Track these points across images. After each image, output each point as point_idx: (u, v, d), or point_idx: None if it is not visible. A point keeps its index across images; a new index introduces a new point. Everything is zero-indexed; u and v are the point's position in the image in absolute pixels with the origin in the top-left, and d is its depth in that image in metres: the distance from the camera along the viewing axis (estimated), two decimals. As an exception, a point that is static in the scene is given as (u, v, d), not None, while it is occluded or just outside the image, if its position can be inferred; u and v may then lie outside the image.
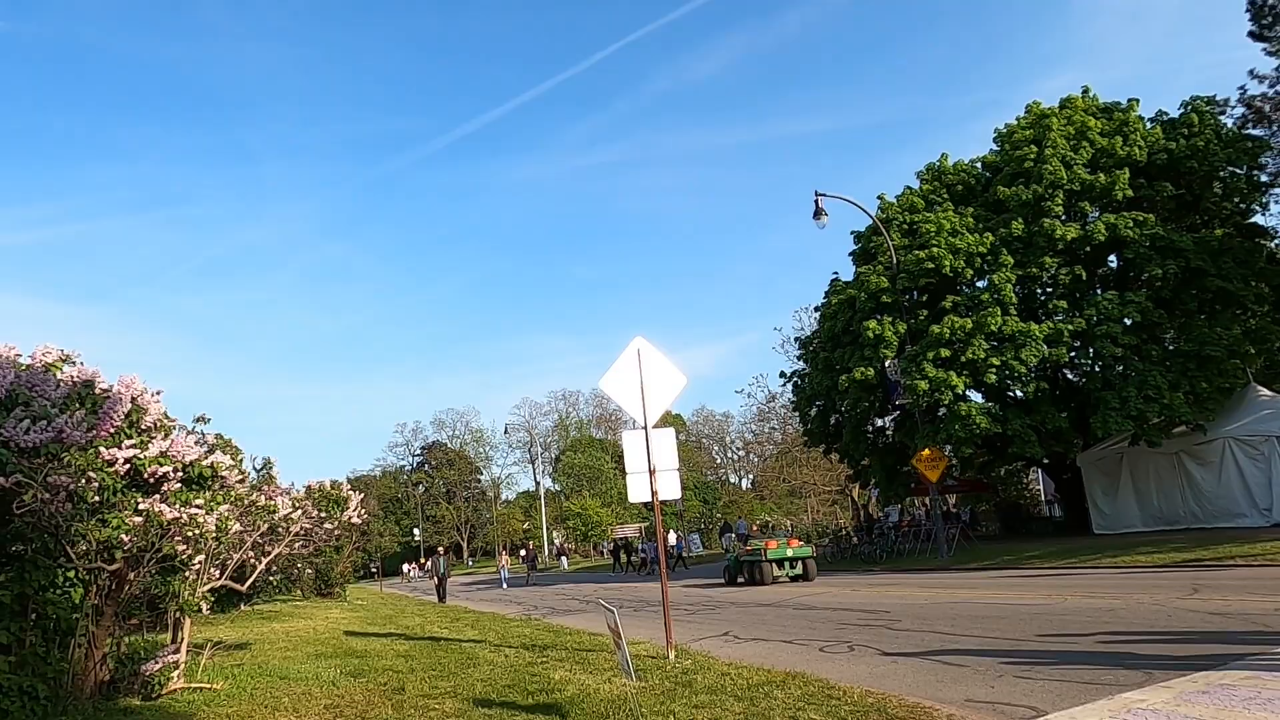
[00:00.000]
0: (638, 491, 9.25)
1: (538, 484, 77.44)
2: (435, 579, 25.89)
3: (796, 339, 37.05)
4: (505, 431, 77.33)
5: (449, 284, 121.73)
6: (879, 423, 29.39)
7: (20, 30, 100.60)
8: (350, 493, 11.09)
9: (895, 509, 35.44)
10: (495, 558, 74.93)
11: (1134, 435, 21.34)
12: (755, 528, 28.31)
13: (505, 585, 32.47)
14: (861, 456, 29.43)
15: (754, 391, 58.86)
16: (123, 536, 6.63)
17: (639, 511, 68.01)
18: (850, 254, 29.66)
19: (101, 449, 6.50)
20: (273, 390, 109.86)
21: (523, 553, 42.07)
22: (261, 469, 11.15)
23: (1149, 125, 24.68)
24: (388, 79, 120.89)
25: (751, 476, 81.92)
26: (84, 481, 6.31)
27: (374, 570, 51.38)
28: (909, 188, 28.28)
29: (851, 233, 29.88)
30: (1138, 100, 25.12)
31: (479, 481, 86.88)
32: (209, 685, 7.90)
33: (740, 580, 21.65)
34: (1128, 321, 22.28)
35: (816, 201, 23.96)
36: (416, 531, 72.39)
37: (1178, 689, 5.44)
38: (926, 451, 22.90)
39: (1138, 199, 23.45)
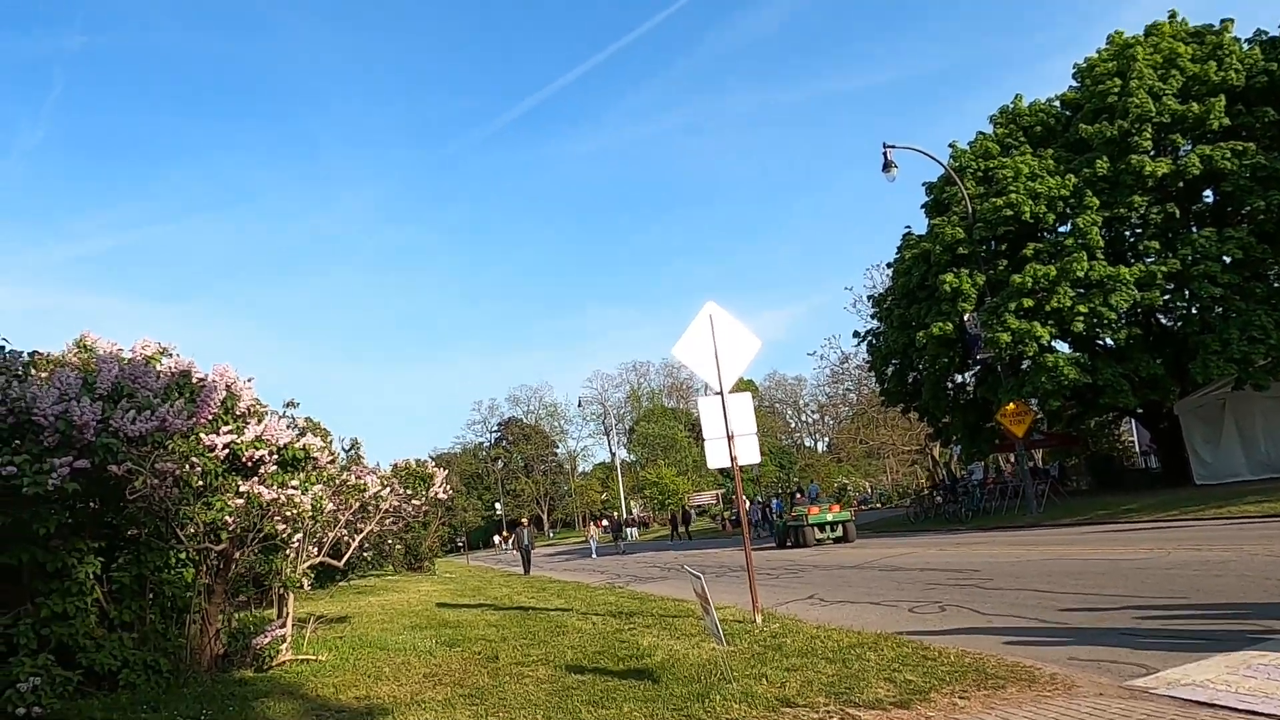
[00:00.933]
0: (716, 457, 9.21)
1: (613, 455, 78.40)
2: (520, 550, 26.50)
3: (869, 297, 36.19)
4: (579, 405, 78.31)
5: (516, 261, 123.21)
6: (959, 379, 28.58)
7: (96, 42, 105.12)
8: (435, 469, 11.39)
9: (979, 466, 34.54)
10: (578, 528, 76.47)
11: (1238, 379, 20.17)
12: (799, 495, 28.35)
13: (595, 555, 33.00)
14: (942, 414, 28.70)
15: (827, 353, 57.92)
16: (226, 518, 6.96)
17: (715, 478, 68.23)
18: (923, 206, 28.69)
19: (202, 435, 6.81)
20: (351, 374, 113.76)
21: (605, 523, 42.62)
22: (349, 450, 11.56)
23: (1246, 47, 22.94)
24: (445, 60, 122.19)
25: (827, 439, 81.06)
26: (188, 467, 6.62)
27: (460, 544, 53.00)
28: (982, 133, 27.11)
29: (923, 184, 28.88)
30: (1232, 21, 23.36)
31: (555, 455, 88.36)
32: (314, 657, 8.27)
33: (789, 544, 23.04)
34: (1227, 260, 20.97)
35: (885, 154, 23.21)
36: (498, 505, 74.20)
37: (1303, 643, 5.14)
38: (1011, 406, 22.17)
39: (1235, 128, 21.90)
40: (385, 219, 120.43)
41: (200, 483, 6.84)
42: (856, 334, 32.33)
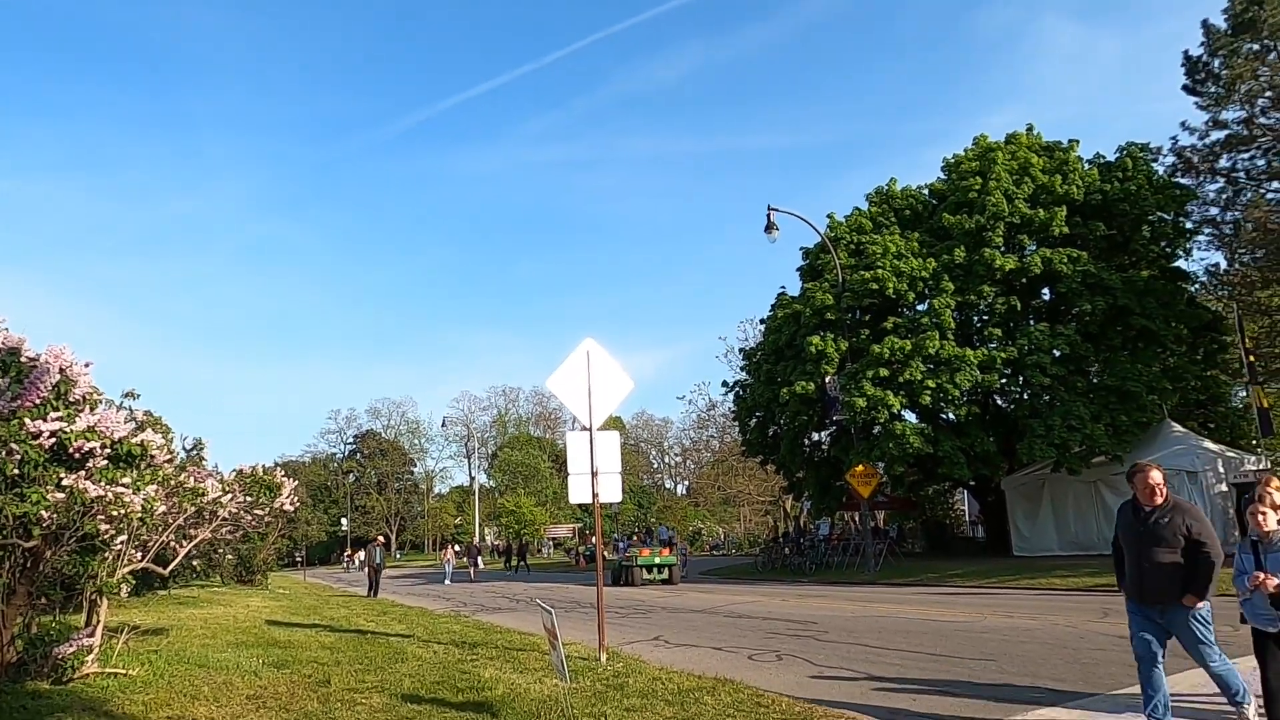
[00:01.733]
0: (579, 493, 9.27)
1: (472, 479, 76.73)
2: (370, 569, 25.38)
3: (741, 349, 37.57)
4: (443, 424, 76.37)
5: (392, 272, 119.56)
6: (816, 437, 29.93)
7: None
8: (284, 479, 10.82)
9: (826, 522, 36.14)
10: (427, 551, 73.81)
11: (1056, 462, 22.20)
12: (648, 535, 29.16)
13: (449, 581, 31.93)
14: (797, 469, 29.92)
15: (695, 398, 59.40)
16: (42, 513, 6.38)
17: (572, 512, 67.90)
18: (798, 269, 30.21)
19: (26, 420, 6.23)
20: (201, 368, 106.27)
21: (456, 548, 41.36)
22: (191, 450, 10.83)
23: (1087, 166, 25.77)
24: (343, 59, 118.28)
25: (688, 483, 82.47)
26: (4, 454, 6.04)
27: (299, 559, 50.05)
28: (858, 209, 28.98)
29: (800, 249, 30.50)
30: (1078, 141, 26.26)
31: (412, 474, 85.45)
32: (124, 671, 7.62)
33: (622, 581, 24.68)
34: (1056, 353, 23.21)
35: (769, 215, 24.33)
36: (344, 521, 70.80)
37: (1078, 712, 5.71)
38: (860, 467, 23.43)
39: (1073, 235, 24.46)
40: (258, 211, 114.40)
41: (16, 471, 6.24)
42: (726, 384, 33.41)
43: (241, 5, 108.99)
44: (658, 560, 25.03)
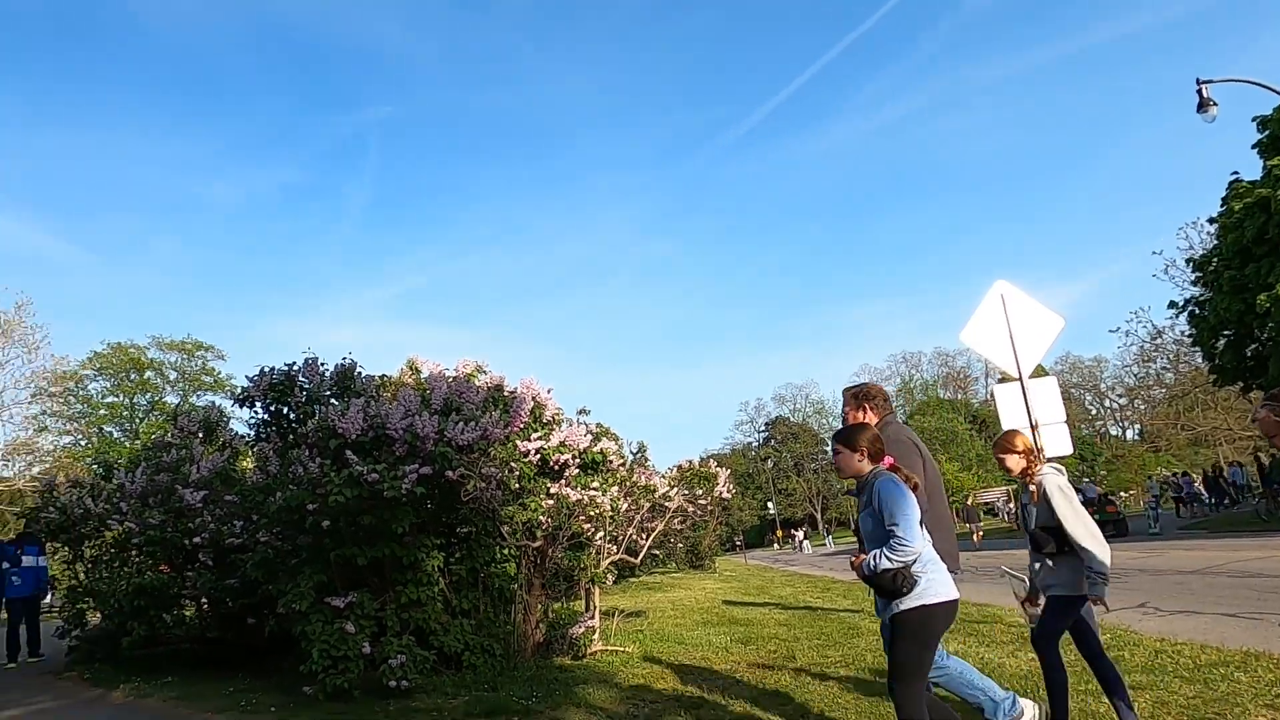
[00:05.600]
0: (1019, 450, 8.43)
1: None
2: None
3: (1187, 260, 31.17)
4: (846, 400, 76.00)
5: (770, 261, 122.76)
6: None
7: (397, 111, 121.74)
8: (717, 469, 11.65)
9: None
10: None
11: None
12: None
13: None
14: (1297, 391, 23.92)
15: (1133, 329, 50.52)
16: (540, 517, 7.63)
17: (1003, 473, 62.76)
18: (1254, 145, 24.17)
19: (517, 442, 7.53)
20: (621, 382, 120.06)
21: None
22: (636, 453, 12.17)
23: None
24: (677, 79, 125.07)
25: (1139, 427, 71.19)
26: (507, 471, 7.36)
27: (737, 543, 53.80)
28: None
29: (1254, 119, 24.32)
30: None
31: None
32: (621, 648, 8.79)
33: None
34: None
35: (1200, 91, 19.84)
36: (770, 505, 74.31)
37: None
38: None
39: None
40: (640, 236, 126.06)
41: (517, 485, 7.58)
42: (1173, 304, 28.01)
43: (584, 62, 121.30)
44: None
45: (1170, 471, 52.08)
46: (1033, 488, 4.68)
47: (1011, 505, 52.71)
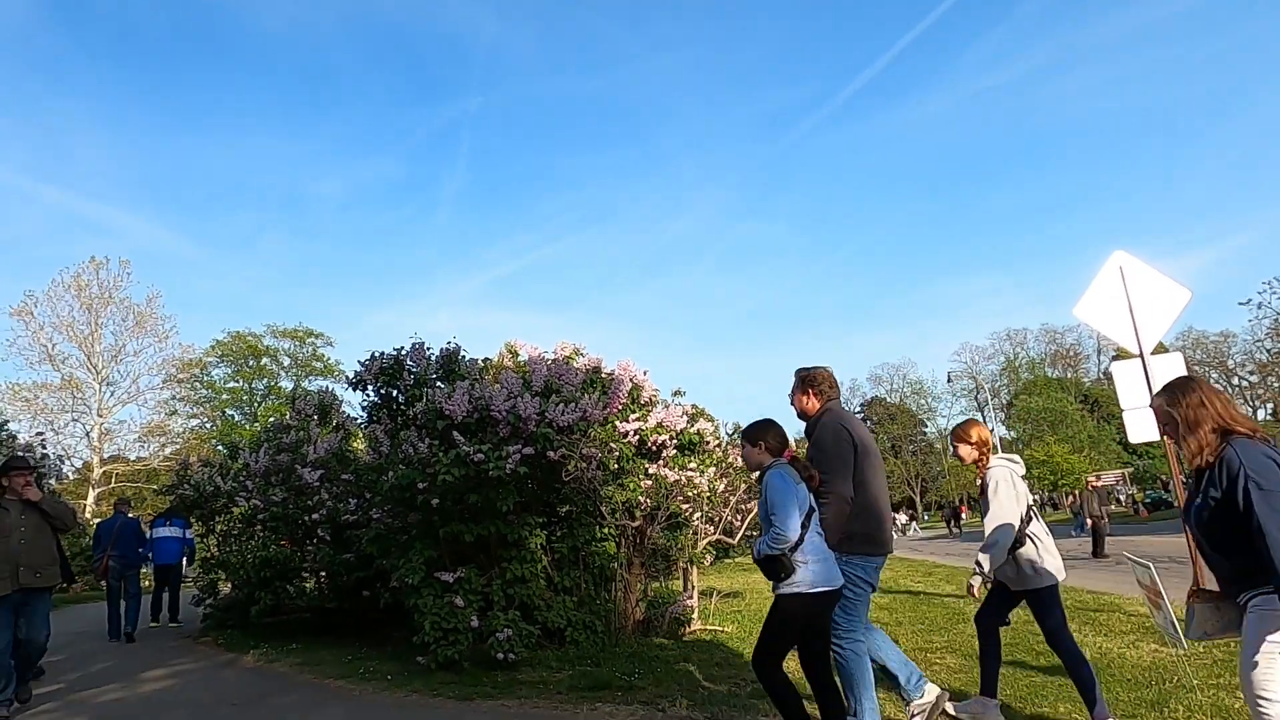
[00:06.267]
0: (1140, 430, 7.99)
1: (991, 432, 72.35)
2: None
3: (1329, 226, 28.61)
4: (948, 379, 73.55)
5: (864, 239, 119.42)
6: None
7: (490, 99, 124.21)
8: (814, 451, 11.49)
9: None
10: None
11: None
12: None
13: None
14: None
15: (1266, 300, 46.81)
16: (639, 497, 7.72)
17: (1117, 455, 59.64)
18: None
19: (615, 423, 7.63)
20: (712, 365, 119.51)
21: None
22: (731, 434, 12.11)
23: None
24: (769, 54, 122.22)
25: (1271, 405, 66.11)
26: (606, 452, 7.47)
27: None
28: None
29: None
30: None
31: (924, 434, 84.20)
32: (720, 629, 8.83)
33: None
34: None
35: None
36: (868, 487, 72.80)
37: None
38: None
39: None
40: (732, 216, 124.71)
41: (616, 466, 7.69)
42: (1313, 273, 25.81)
43: (676, 43, 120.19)
44: None
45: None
46: (979, 481, 4.83)
47: (1128, 490, 50.09)
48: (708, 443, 9.10)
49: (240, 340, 49.76)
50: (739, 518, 12.14)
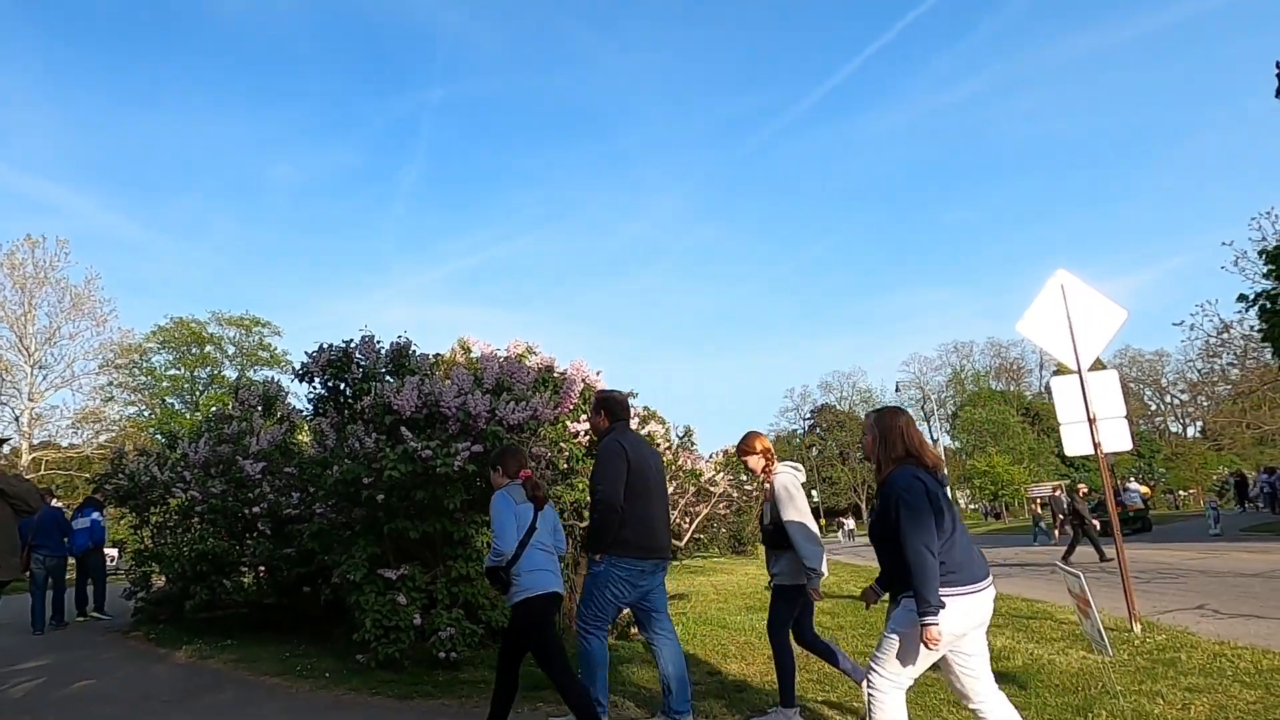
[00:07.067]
0: (1076, 444, 8.27)
1: (935, 441, 73.98)
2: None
3: (1261, 252, 29.87)
4: (896, 389, 74.99)
5: (819, 248, 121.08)
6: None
7: (452, 91, 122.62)
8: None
9: None
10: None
11: None
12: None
13: None
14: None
15: (1199, 322, 48.60)
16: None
17: (1055, 467, 61.41)
18: (1335, 134, 23.06)
19: (567, 423, 7.61)
20: (667, 366, 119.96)
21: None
22: (683, 437, 12.19)
23: None
24: (735, 60, 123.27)
25: (1200, 424, 68.86)
26: (556, 452, 7.45)
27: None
28: None
29: (1335, 106, 23.19)
30: None
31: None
32: (665, 629, 8.85)
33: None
34: None
35: None
36: (814, 493, 73.85)
37: None
38: None
39: None
40: (691, 219, 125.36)
41: (566, 466, 7.67)
42: (1243, 297, 26.84)
43: (641, 45, 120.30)
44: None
45: (1230, 470, 50.33)
46: (767, 486, 5.19)
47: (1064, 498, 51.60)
48: (657, 445, 9.13)
49: (183, 326, 48.37)
50: (688, 520, 12.22)
